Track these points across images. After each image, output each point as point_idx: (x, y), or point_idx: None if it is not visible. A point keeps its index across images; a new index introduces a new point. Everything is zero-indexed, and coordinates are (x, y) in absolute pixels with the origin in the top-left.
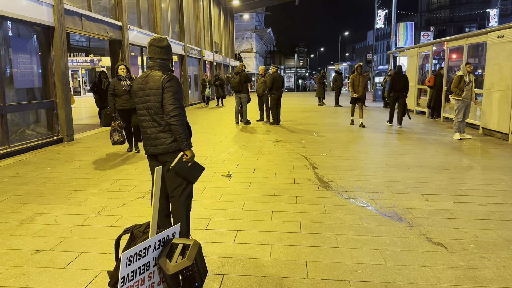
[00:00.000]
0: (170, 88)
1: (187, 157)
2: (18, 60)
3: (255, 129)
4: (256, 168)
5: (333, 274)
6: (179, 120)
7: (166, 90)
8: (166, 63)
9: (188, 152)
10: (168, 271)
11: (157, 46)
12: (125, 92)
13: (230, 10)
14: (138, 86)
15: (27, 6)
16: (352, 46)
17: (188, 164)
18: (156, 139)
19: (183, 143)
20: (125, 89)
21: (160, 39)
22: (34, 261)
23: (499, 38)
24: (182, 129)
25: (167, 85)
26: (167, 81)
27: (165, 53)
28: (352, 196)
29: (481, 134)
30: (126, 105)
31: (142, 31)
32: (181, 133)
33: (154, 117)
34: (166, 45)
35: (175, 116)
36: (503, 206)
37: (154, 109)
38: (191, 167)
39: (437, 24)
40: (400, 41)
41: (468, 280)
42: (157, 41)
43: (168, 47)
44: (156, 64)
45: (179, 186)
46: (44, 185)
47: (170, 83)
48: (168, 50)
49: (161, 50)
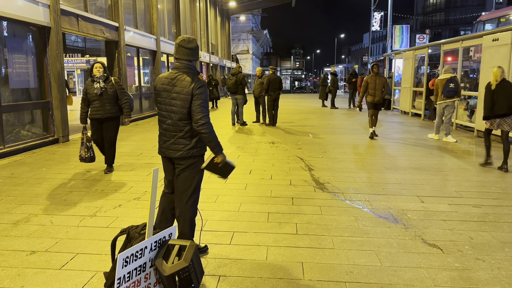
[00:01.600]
0: (200, 95)
1: (218, 161)
2: (14, 60)
3: (251, 131)
4: (252, 170)
5: (329, 275)
6: (208, 128)
7: (196, 97)
8: (193, 65)
9: (220, 156)
10: (165, 272)
11: (186, 48)
12: (96, 96)
13: (227, 12)
14: (162, 86)
15: (23, 6)
16: (348, 48)
17: (219, 165)
18: (174, 144)
19: (215, 149)
20: (97, 92)
21: (190, 40)
22: (30, 262)
23: (494, 41)
24: (212, 136)
25: (197, 92)
26: (197, 88)
27: (193, 55)
28: (348, 197)
29: (475, 137)
30: (98, 113)
31: (138, 32)
32: (211, 141)
33: (177, 122)
34: (195, 46)
35: (204, 124)
36: (497, 208)
37: (179, 114)
38: (222, 167)
39: (432, 26)
40: (395, 44)
41: (463, 281)
42: (186, 42)
43: (196, 48)
44: (183, 66)
45: (185, 191)
46: (39, 185)
47: (200, 90)
48: (196, 52)
49: (189, 52)
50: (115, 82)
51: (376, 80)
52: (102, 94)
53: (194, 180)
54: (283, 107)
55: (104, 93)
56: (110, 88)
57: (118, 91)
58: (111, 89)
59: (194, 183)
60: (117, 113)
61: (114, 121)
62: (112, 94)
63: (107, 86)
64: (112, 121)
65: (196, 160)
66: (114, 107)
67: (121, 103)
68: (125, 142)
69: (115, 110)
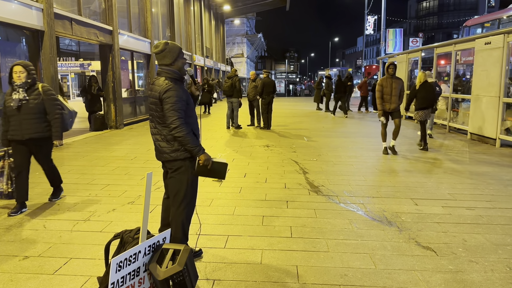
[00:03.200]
0: (168, 99)
1: (202, 162)
2: (7, 64)
3: (246, 134)
4: (247, 173)
5: (323, 278)
6: (181, 131)
7: (164, 101)
8: (169, 68)
9: (201, 157)
10: (159, 276)
11: (155, 53)
12: (13, 111)
13: (221, 15)
14: (149, 92)
15: (16, 10)
16: (342, 52)
17: (208, 166)
18: (159, 147)
19: (194, 150)
20: (14, 106)
21: (156, 45)
22: (22, 267)
23: (486, 44)
24: (188, 138)
25: (165, 96)
26: (164, 92)
27: (161, 58)
28: (343, 200)
29: (469, 139)
30: (15, 134)
31: (132, 35)
32: (187, 143)
33: (157, 126)
34: (160, 50)
35: (175, 128)
36: (491, 210)
37: (156, 118)
38: (213, 168)
39: (425, 30)
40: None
41: (456, 283)
42: (154, 48)
43: (163, 51)
44: (159, 71)
45: (176, 195)
46: (32, 190)
47: (167, 94)
48: (164, 55)
49: (159, 56)
50: (44, 90)
51: (392, 84)
52: (20, 108)
53: (183, 183)
54: (277, 110)
55: (23, 107)
56: (33, 99)
57: (47, 102)
58: (34, 101)
59: (183, 187)
60: (44, 132)
61: (42, 145)
62: (37, 107)
63: (30, 98)
64: (38, 145)
65: (182, 163)
66: (39, 125)
67: (50, 118)
68: (119, 146)
69: (41, 128)
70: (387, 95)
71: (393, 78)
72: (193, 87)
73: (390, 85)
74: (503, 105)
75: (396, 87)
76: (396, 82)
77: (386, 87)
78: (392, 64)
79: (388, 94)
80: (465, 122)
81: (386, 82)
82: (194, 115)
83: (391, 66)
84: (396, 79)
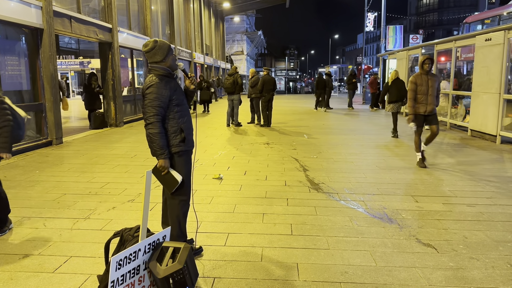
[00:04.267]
0: (147, 95)
1: (159, 166)
2: (6, 62)
3: (246, 132)
4: (247, 171)
5: (324, 276)
6: (151, 129)
7: (145, 97)
8: (158, 66)
9: (160, 161)
10: (159, 274)
11: (145, 52)
12: None
13: (221, 13)
14: None
15: (15, 8)
16: (342, 49)
17: (162, 173)
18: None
19: (156, 152)
20: None
21: (145, 44)
22: (22, 266)
23: (486, 41)
24: (157, 138)
25: (146, 92)
26: (146, 88)
27: (152, 56)
28: (343, 198)
29: (469, 136)
30: None
31: (132, 33)
32: (154, 142)
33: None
34: (150, 48)
35: (149, 124)
36: (491, 207)
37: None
38: (165, 177)
39: (426, 27)
40: (389, 44)
41: (457, 280)
42: (144, 47)
43: (152, 49)
44: (151, 68)
45: (169, 191)
46: (32, 188)
47: (148, 90)
48: (155, 52)
49: (149, 54)
50: None
51: (428, 81)
52: None
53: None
54: (278, 108)
55: None
56: None
57: None
58: None
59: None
60: None
61: None
62: None
63: None
64: None
65: (177, 158)
66: None
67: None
68: (119, 144)
69: None
70: (422, 95)
71: (429, 74)
72: (187, 81)
73: (426, 83)
74: (504, 102)
75: (433, 85)
76: (433, 79)
77: (422, 85)
78: (428, 58)
79: (424, 93)
80: (465, 118)
81: (421, 79)
82: (185, 110)
83: (426, 61)
84: (432, 76)
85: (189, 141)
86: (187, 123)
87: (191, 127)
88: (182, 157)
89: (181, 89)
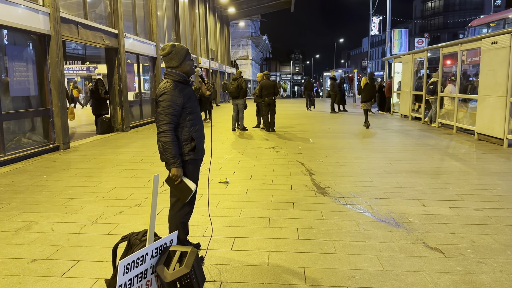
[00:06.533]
0: (161, 102)
1: (171, 174)
2: (14, 68)
3: (252, 136)
4: (253, 175)
5: (331, 280)
6: (164, 137)
7: (158, 104)
8: (173, 71)
9: (173, 170)
10: (166, 278)
11: (162, 56)
12: None
13: (226, 18)
14: None
15: (23, 14)
16: (347, 53)
17: (175, 182)
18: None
19: (168, 161)
20: None
21: (163, 47)
22: (31, 270)
23: (493, 44)
24: (169, 147)
25: (159, 100)
26: (160, 95)
27: (169, 60)
28: (349, 202)
29: (476, 139)
30: None
31: (138, 38)
32: (165, 150)
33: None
34: (167, 52)
35: (161, 132)
36: (499, 211)
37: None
38: (179, 186)
39: (431, 30)
40: (394, 48)
41: (465, 285)
42: (161, 50)
43: (169, 53)
44: (166, 73)
45: (173, 196)
46: (40, 193)
47: (162, 97)
48: (171, 57)
49: (166, 58)
50: None
51: None
52: None
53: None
54: (282, 112)
55: None
56: None
57: None
58: None
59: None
60: None
61: None
62: None
63: None
64: None
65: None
66: None
67: None
68: (125, 148)
69: None
70: None
71: None
72: (203, 87)
73: None
74: (511, 105)
75: None
76: None
77: None
78: None
79: None
80: (472, 122)
81: None
82: (197, 118)
83: None
84: None
85: (199, 150)
86: (199, 132)
87: (202, 135)
88: (189, 165)
89: (195, 96)
